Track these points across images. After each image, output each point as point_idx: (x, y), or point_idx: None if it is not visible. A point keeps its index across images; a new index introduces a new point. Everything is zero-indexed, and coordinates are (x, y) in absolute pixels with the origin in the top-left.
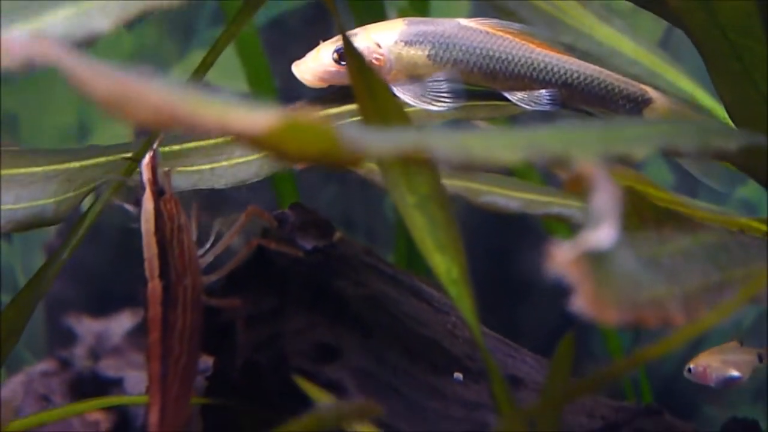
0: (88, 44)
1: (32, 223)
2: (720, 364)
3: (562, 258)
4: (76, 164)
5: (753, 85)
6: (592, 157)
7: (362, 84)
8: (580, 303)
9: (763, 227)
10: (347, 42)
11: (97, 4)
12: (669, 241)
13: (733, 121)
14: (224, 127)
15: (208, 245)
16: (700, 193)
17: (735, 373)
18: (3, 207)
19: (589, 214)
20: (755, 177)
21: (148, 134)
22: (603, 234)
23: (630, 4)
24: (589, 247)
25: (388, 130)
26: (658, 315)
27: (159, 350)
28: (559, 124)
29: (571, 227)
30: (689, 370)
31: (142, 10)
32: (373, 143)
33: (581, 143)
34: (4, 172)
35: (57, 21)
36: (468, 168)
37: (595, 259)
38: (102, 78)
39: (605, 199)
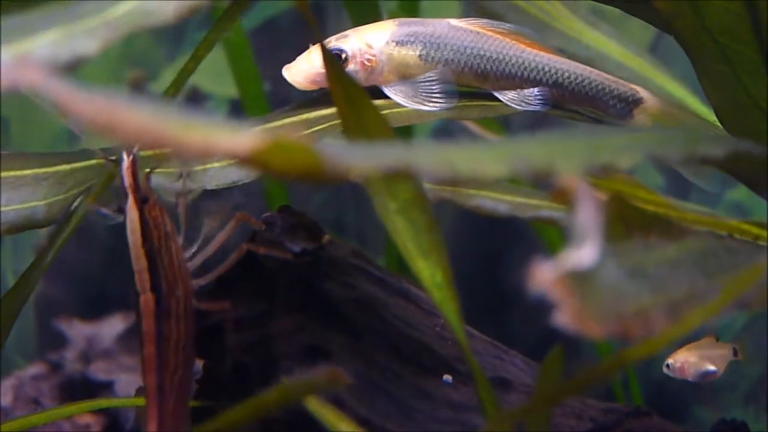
0: (74, 67)
1: (23, 225)
2: (697, 359)
3: (543, 277)
4: (66, 167)
5: (742, 88)
6: (577, 169)
7: (340, 91)
8: (564, 319)
9: (755, 230)
10: (324, 50)
11: (83, 26)
12: (655, 248)
13: (722, 125)
14: (209, 148)
15: (194, 249)
16: (692, 196)
17: (711, 367)
18: None
19: (571, 231)
20: (744, 182)
21: None
22: (584, 254)
23: (619, 10)
24: (570, 266)
25: (370, 146)
26: (644, 325)
27: (155, 364)
28: (545, 133)
29: (560, 230)
30: (667, 365)
31: (128, 31)
32: (356, 161)
33: (566, 154)
34: None
35: (43, 44)
36: (453, 182)
37: (578, 276)
38: (89, 103)
39: (587, 216)
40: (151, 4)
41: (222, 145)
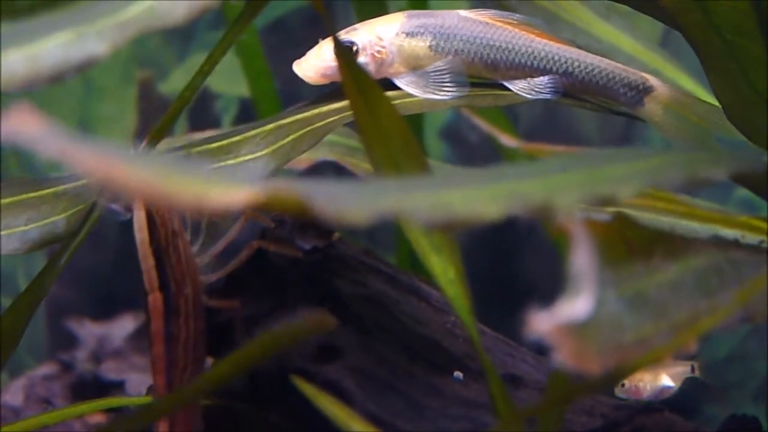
0: (85, 68)
1: (45, 241)
2: (653, 376)
3: (540, 326)
4: (85, 180)
5: (749, 84)
6: (576, 203)
7: (352, 83)
8: (562, 359)
9: (764, 226)
10: (336, 41)
11: (94, 28)
12: (657, 271)
13: (729, 120)
14: (204, 205)
15: (200, 241)
16: (701, 193)
17: (668, 383)
18: (17, 229)
19: (567, 279)
20: (747, 187)
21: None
22: (579, 305)
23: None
24: (565, 318)
25: (364, 191)
26: (646, 353)
27: (164, 363)
28: (543, 164)
29: None
30: (622, 385)
31: (138, 32)
32: (349, 209)
33: (564, 189)
34: (15, 198)
35: (54, 45)
36: (450, 228)
37: (575, 322)
38: (88, 157)
39: (582, 264)
40: (162, 6)
41: (218, 200)
